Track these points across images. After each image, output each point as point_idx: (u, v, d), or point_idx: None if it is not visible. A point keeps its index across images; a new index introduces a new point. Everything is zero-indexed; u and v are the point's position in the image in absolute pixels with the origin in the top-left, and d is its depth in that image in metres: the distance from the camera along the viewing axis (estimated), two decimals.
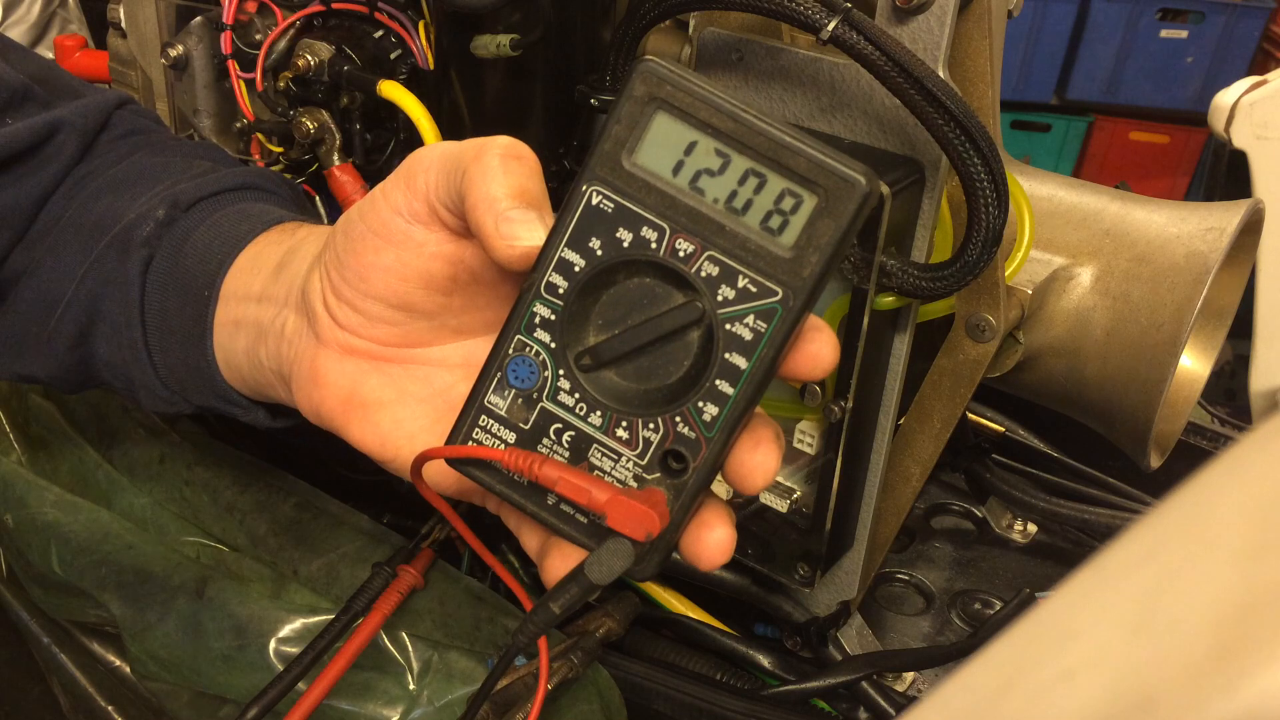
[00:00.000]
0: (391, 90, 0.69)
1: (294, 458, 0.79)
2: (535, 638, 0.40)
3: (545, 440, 0.38)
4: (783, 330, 0.35)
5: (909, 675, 0.69)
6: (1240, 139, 0.98)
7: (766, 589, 0.69)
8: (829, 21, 0.48)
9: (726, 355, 0.35)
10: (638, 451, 0.37)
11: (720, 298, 0.35)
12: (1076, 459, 0.89)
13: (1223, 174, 1.11)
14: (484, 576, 0.75)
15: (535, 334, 0.37)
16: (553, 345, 0.37)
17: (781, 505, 0.61)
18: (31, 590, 0.75)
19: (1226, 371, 1.45)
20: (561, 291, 0.37)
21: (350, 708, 0.61)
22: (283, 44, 0.75)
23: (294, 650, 0.62)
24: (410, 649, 0.63)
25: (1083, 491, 0.85)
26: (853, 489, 0.62)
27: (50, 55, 1.13)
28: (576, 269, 0.36)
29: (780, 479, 0.61)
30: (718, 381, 0.36)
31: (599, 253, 0.36)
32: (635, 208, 0.35)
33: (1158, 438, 0.64)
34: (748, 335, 0.35)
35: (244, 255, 0.50)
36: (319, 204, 0.79)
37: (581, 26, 0.68)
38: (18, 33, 1.86)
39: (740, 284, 0.35)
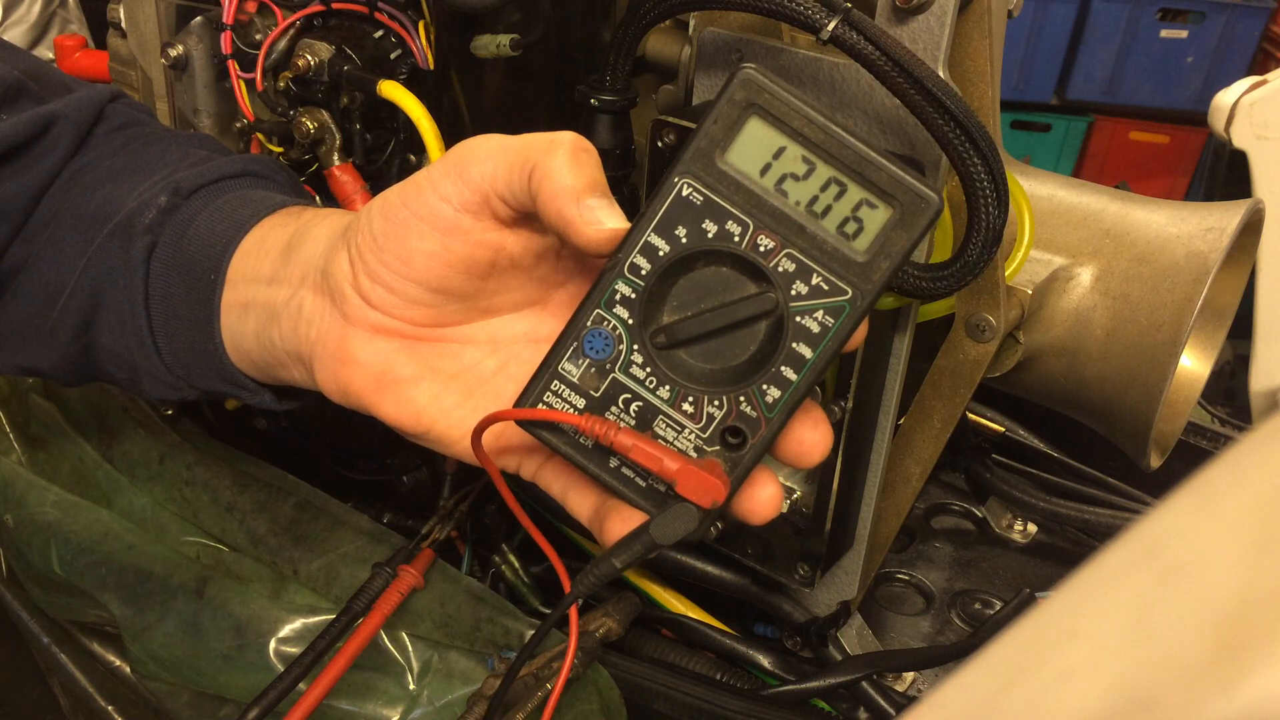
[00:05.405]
0: (391, 90, 0.69)
1: (294, 458, 0.79)
2: (593, 588, 0.42)
3: (613, 408, 0.41)
4: (848, 327, 0.38)
5: (909, 675, 0.69)
6: (1240, 139, 0.98)
7: (766, 589, 0.69)
8: (829, 21, 0.48)
9: (794, 345, 0.38)
10: (700, 425, 0.40)
11: (794, 292, 0.38)
12: (1076, 459, 0.89)
13: (1223, 174, 1.12)
14: (484, 577, 0.75)
15: (614, 309, 0.40)
16: (630, 321, 0.40)
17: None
18: (31, 590, 0.75)
19: (1226, 371, 1.45)
20: (644, 272, 0.39)
21: (350, 708, 0.61)
22: (283, 44, 0.75)
23: (294, 650, 0.62)
24: (410, 649, 0.63)
25: (1083, 491, 0.85)
26: (853, 489, 0.62)
27: (50, 55, 1.13)
28: (661, 253, 0.39)
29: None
30: (783, 368, 0.39)
31: (684, 240, 0.39)
32: (723, 202, 0.38)
33: (1158, 438, 0.64)
34: (815, 328, 0.38)
35: (249, 239, 0.50)
36: (318, 204, 0.79)
37: (581, 26, 0.68)
38: (18, 33, 1.86)
39: (814, 281, 0.38)
